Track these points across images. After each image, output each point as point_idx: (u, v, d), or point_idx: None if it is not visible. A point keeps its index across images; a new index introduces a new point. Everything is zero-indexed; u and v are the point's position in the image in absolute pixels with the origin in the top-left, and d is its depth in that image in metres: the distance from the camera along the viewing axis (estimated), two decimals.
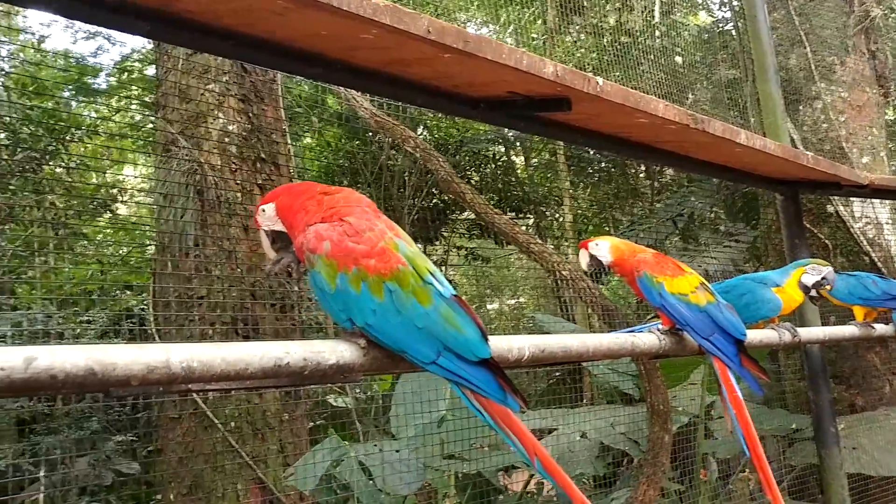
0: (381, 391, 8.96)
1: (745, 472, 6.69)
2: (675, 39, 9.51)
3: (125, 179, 11.02)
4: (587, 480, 7.09)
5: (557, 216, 10.58)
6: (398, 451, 5.37)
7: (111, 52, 10.02)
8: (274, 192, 2.23)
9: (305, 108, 9.03)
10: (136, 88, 9.76)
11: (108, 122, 9.11)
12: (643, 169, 10.45)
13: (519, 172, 11.34)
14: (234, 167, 6.33)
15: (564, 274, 5.13)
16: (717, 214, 9.52)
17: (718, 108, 8.34)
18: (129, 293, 9.23)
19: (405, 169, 9.70)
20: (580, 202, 10.65)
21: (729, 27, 9.93)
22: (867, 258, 7.29)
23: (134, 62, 10.08)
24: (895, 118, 10.36)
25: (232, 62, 6.38)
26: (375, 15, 2.36)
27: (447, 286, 2.10)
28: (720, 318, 3.07)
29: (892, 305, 4.53)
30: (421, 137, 7.89)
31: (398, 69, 2.94)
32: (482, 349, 2.08)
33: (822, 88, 7.70)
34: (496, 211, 5.57)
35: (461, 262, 11.00)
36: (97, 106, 9.59)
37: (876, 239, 7.43)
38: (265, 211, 2.18)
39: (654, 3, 9.28)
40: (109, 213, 9.34)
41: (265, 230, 2.20)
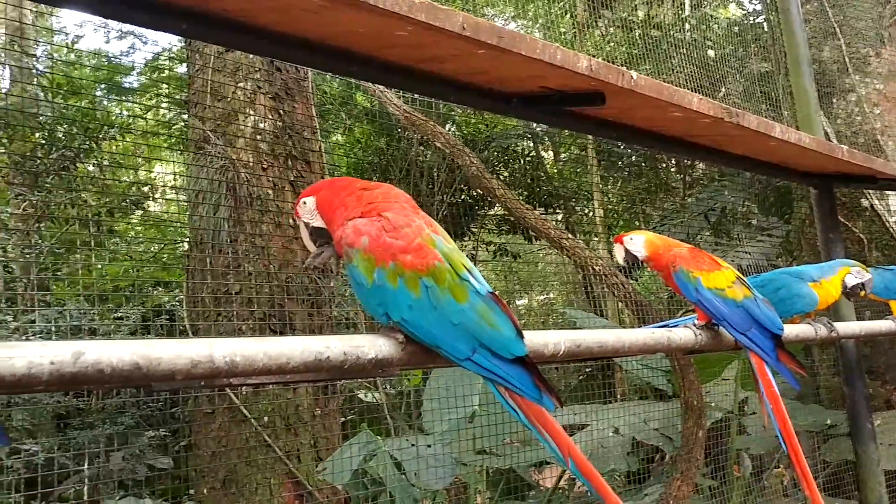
0: (410, 386, 9.00)
1: (778, 468, 6.64)
2: (705, 32, 9.43)
3: (157, 177, 11.16)
4: (619, 476, 7.06)
5: (587, 211, 10.54)
6: (430, 445, 5.38)
7: (142, 51, 10.07)
8: (315, 185, 2.25)
9: (336, 105, 9.06)
10: (166, 87, 9.86)
11: (140, 120, 9.22)
12: (674, 163, 10.38)
13: (548, 168, 11.31)
14: (265, 164, 6.37)
15: (596, 269, 5.11)
16: (749, 209, 9.42)
17: (750, 101, 8.25)
18: (160, 290, 9.32)
19: (434, 165, 9.71)
20: (610, 197, 10.60)
21: (760, 20, 9.83)
22: None
23: (164, 61, 10.17)
24: None
25: (263, 60, 6.42)
26: (411, 12, 2.37)
27: (483, 283, 2.11)
28: (757, 312, 3.05)
29: None
30: (449, 133, 7.89)
31: (432, 66, 2.95)
32: (518, 347, 2.08)
33: (856, 81, 7.61)
34: (527, 206, 5.57)
35: (490, 257, 10.99)
36: (129, 104, 9.70)
37: None
38: (306, 203, 2.20)
39: None
40: (141, 210, 9.45)
41: (305, 222, 2.22)
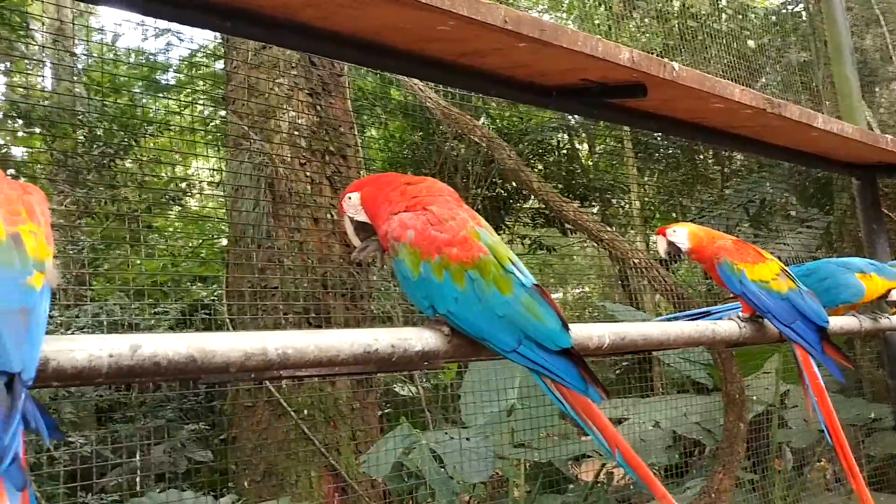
0: (446, 380, 9.02)
1: (821, 462, 6.57)
2: (742, 22, 9.32)
3: (194, 173, 11.27)
4: (658, 470, 7.03)
5: (624, 204, 10.48)
6: (468, 439, 5.40)
7: (179, 48, 10.16)
8: (359, 181, 2.27)
9: (370, 100, 9.10)
10: (202, 84, 9.96)
11: (178, 117, 9.32)
12: (712, 154, 10.28)
13: (583, 160, 11.26)
14: (303, 160, 6.42)
15: (636, 262, 5.09)
16: (787, 200, 9.32)
17: (789, 91, 8.16)
18: (199, 285, 9.42)
19: (469, 159, 9.70)
20: (647, 189, 10.53)
21: (798, 8, 9.70)
22: None
23: (201, 58, 10.26)
24: None
25: (300, 56, 6.46)
26: (453, 7, 2.38)
27: (528, 275, 2.11)
28: (802, 304, 3.02)
29: None
30: (485, 127, 7.88)
31: (473, 60, 2.96)
32: (563, 338, 2.08)
33: None
34: (564, 199, 5.55)
35: (525, 251, 10.97)
36: (167, 101, 9.80)
37: None
38: (350, 199, 2.22)
39: None
40: (179, 206, 9.56)
41: (349, 217, 2.24)
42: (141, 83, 8.99)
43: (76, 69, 8.47)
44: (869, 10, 7.58)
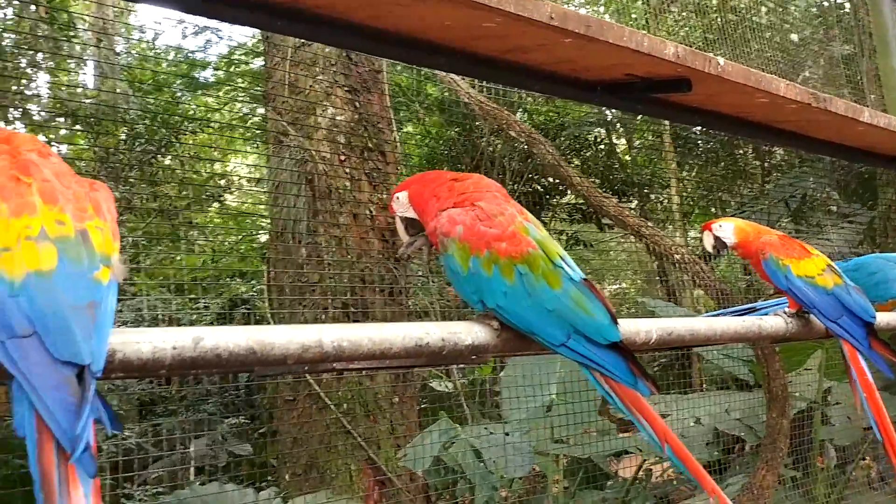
0: (482, 376, 9.04)
1: (865, 459, 6.49)
2: (782, 15, 9.21)
3: (234, 170, 11.40)
4: None
5: (662, 199, 10.41)
6: (507, 434, 5.41)
7: (218, 45, 10.28)
8: (407, 180, 2.30)
9: (407, 96, 9.13)
10: (241, 81, 10.06)
11: (217, 114, 9.42)
12: (752, 149, 10.17)
13: (621, 155, 11.20)
14: (342, 156, 6.47)
15: (678, 258, 5.07)
16: (829, 195, 9.19)
17: (831, 85, 8.04)
18: (238, 280, 9.52)
19: (505, 154, 9.70)
20: (686, 184, 10.45)
21: (841, 0, 9.56)
22: None
23: (240, 55, 10.36)
24: None
25: (339, 53, 6.51)
26: (500, 4, 2.40)
27: (577, 269, 2.13)
28: (848, 300, 3.00)
29: None
30: (524, 122, 7.87)
31: (517, 56, 2.97)
32: (612, 332, 2.09)
33: None
34: (604, 194, 5.54)
35: (562, 246, 10.92)
36: (207, 99, 9.92)
37: None
38: (399, 198, 2.25)
39: None
40: (219, 203, 9.66)
41: (400, 216, 2.27)
42: (181, 81, 9.10)
43: (118, 67, 8.59)
44: None
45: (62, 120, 7.87)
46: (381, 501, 5.97)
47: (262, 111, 9.67)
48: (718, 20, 8.29)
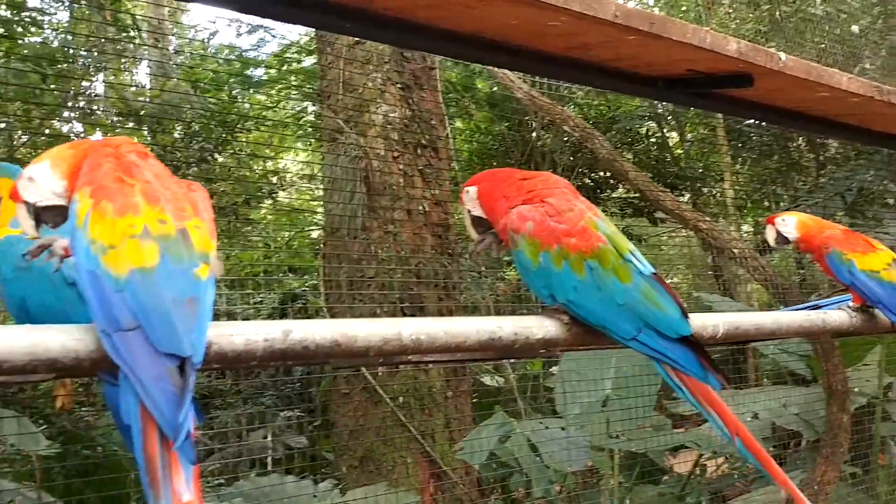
0: (533, 371, 9.06)
1: None
2: (839, 5, 9.05)
3: (286, 167, 11.56)
4: (749, 465, 6.95)
5: (715, 192, 10.31)
6: (563, 428, 5.44)
7: (271, 44, 10.42)
8: (477, 176, 2.34)
9: (459, 92, 9.18)
10: (294, 79, 10.19)
11: (271, 112, 9.57)
12: (805, 142, 10.03)
13: (673, 148, 11.12)
14: (396, 153, 6.53)
15: (735, 252, 5.04)
16: (886, 187, 9.03)
17: (890, 75, 7.89)
18: (291, 276, 9.65)
19: (556, 148, 9.70)
20: (738, 178, 10.33)
21: None
22: None
23: (293, 54, 10.50)
24: None
25: (392, 51, 6.57)
26: (567, 3, 2.44)
27: (646, 264, 2.16)
28: None
29: None
30: (578, 117, 7.85)
31: (580, 53, 3.01)
32: (683, 326, 2.12)
33: None
34: (660, 188, 5.53)
35: None
36: (260, 97, 10.07)
37: None
38: (469, 192, 2.30)
39: None
40: (272, 199, 9.82)
41: (468, 211, 2.32)
42: (235, 79, 9.25)
43: (175, 67, 8.77)
44: None
45: (116, 119, 8.07)
46: (436, 494, 6.03)
47: (314, 109, 9.79)
48: (772, 13, 8.19)
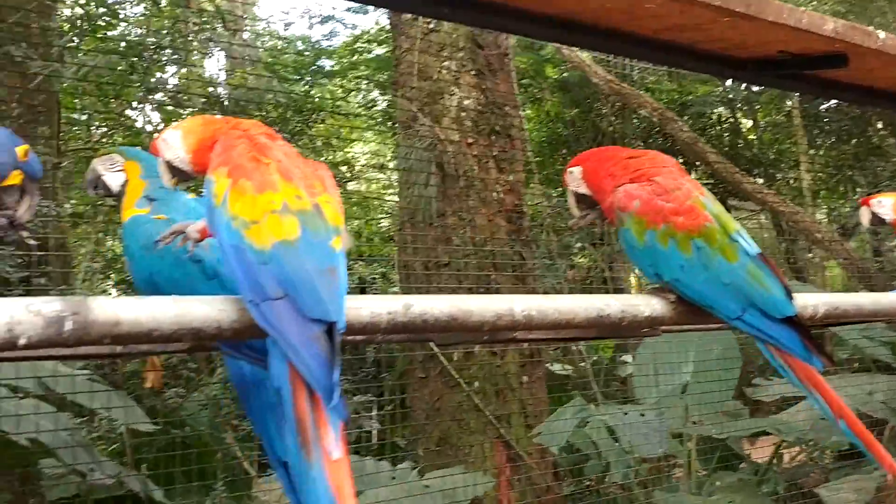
0: (604, 357, 9.04)
1: None
2: None
3: (354, 156, 11.70)
4: (830, 452, 6.86)
5: (790, 177, 10.13)
6: (643, 414, 5.43)
7: (342, 34, 10.58)
8: (581, 155, 2.37)
9: (531, 79, 9.18)
10: (365, 69, 10.31)
11: (343, 101, 9.69)
12: (885, 125, 9.76)
13: (746, 134, 10.95)
14: (470, 140, 6.57)
15: (818, 236, 4.97)
16: None
17: None
18: (361, 263, 9.77)
19: (626, 134, 9.64)
20: (814, 163, 10.13)
21: None
22: None
23: (364, 43, 10.62)
24: None
25: (466, 39, 6.60)
26: None
27: (752, 244, 2.16)
28: None
29: None
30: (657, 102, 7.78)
31: (671, 35, 3.01)
32: (787, 307, 2.13)
33: None
34: (741, 172, 5.47)
35: None
36: (333, 86, 10.21)
37: None
38: (573, 173, 2.33)
39: None
40: (342, 189, 9.94)
41: (572, 190, 2.35)
42: (309, 69, 9.39)
43: (250, 57, 8.93)
44: None
45: (197, 108, 8.26)
46: (512, 478, 6.08)
47: (385, 98, 9.90)
48: None
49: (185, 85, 8.35)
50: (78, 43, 7.63)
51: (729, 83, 9.68)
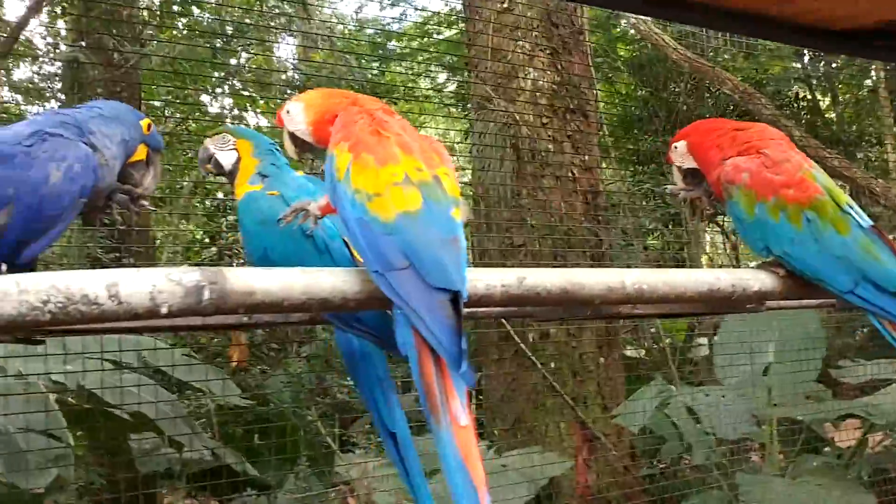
0: (678, 341, 8.93)
1: None
2: None
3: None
4: None
5: (872, 157, 9.83)
6: (724, 396, 5.36)
7: (412, 16, 10.57)
8: (683, 130, 2.34)
9: (605, 57, 9.07)
10: (434, 50, 10.29)
11: (413, 83, 9.70)
12: None
13: (825, 111, 10.66)
14: (545, 120, 6.53)
15: None
16: None
17: None
18: None
19: (702, 114, 9.46)
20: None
21: None
22: None
23: (433, 25, 10.60)
24: None
25: (540, 17, 6.56)
26: None
27: (865, 217, 2.12)
28: None
29: None
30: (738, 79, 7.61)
31: (773, 9, 2.95)
32: None
33: None
34: (828, 150, 5.34)
35: None
36: (405, 68, 10.22)
37: None
38: (677, 148, 2.31)
39: None
40: None
41: (677, 166, 2.33)
42: (382, 51, 9.42)
43: (327, 39, 8.99)
44: None
45: (277, 92, 8.35)
46: (589, 459, 6.07)
47: (455, 79, 9.88)
48: None
49: (259, 72, 8.46)
50: (157, 30, 7.79)
51: (807, 59, 9.45)
